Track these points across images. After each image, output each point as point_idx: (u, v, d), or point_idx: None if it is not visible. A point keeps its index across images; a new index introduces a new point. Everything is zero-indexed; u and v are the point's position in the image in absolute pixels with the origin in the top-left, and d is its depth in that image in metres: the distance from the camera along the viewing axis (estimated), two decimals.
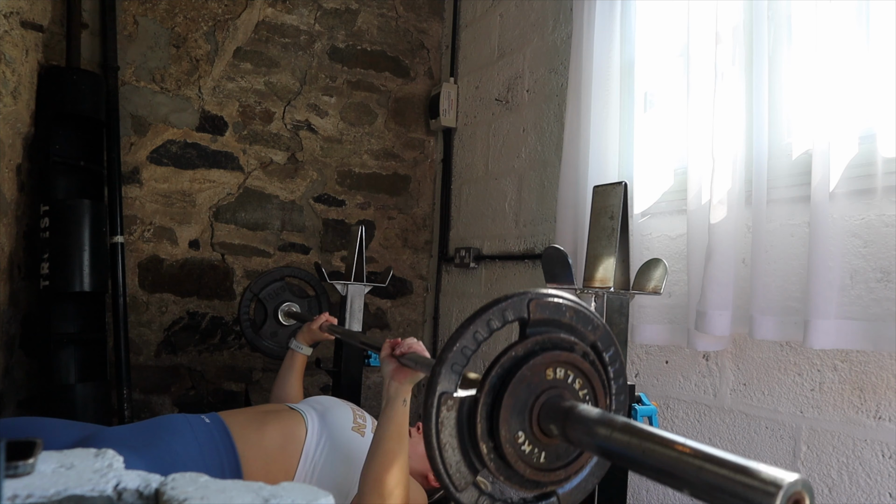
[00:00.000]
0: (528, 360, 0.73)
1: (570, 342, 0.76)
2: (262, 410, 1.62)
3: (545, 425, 0.73)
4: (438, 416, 0.71)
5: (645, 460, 0.61)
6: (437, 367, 0.71)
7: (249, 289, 2.32)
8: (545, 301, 0.76)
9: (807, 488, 0.49)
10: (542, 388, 0.73)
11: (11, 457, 0.52)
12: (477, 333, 0.73)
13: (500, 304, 0.74)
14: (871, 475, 1.33)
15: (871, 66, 1.32)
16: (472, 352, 0.73)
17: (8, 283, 2.12)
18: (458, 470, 0.72)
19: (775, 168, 1.46)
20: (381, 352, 1.41)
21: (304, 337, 2.03)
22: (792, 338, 1.40)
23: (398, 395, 1.37)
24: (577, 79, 1.93)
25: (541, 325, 0.75)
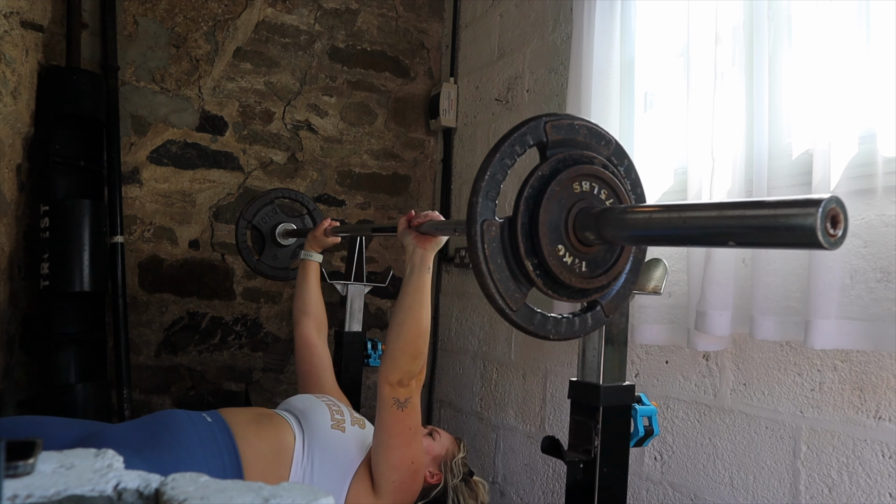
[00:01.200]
0: (555, 177, 0.77)
1: (589, 156, 0.81)
2: (258, 413, 1.63)
3: (581, 234, 0.76)
4: (484, 242, 0.74)
5: (687, 228, 0.65)
6: (474, 197, 0.76)
7: (242, 216, 2.31)
8: (560, 122, 0.80)
9: (840, 205, 0.54)
10: (573, 201, 0.78)
11: (11, 457, 0.52)
12: (504, 160, 0.78)
13: (520, 129, 0.78)
14: (871, 475, 1.33)
15: (871, 66, 1.32)
16: (502, 178, 0.77)
17: (8, 283, 2.12)
18: (509, 292, 0.75)
19: (775, 168, 1.47)
20: (399, 227, 1.46)
21: (311, 244, 2.04)
22: (792, 338, 1.40)
23: (423, 262, 1.43)
24: (577, 79, 1.93)
25: (559, 146, 0.80)
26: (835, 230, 0.54)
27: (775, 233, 0.56)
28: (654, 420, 1.26)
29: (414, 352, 1.42)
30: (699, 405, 1.70)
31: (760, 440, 1.54)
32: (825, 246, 0.54)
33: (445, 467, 1.67)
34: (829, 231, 0.54)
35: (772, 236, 0.57)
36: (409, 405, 1.45)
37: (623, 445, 1.21)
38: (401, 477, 1.48)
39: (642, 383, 1.85)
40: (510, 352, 2.44)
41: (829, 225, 0.54)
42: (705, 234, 0.64)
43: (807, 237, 0.54)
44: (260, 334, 2.74)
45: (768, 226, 0.57)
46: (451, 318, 2.84)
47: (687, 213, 0.64)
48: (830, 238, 0.54)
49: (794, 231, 0.55)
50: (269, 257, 2.36)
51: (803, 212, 0.54)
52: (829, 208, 0.54)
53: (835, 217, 0.54)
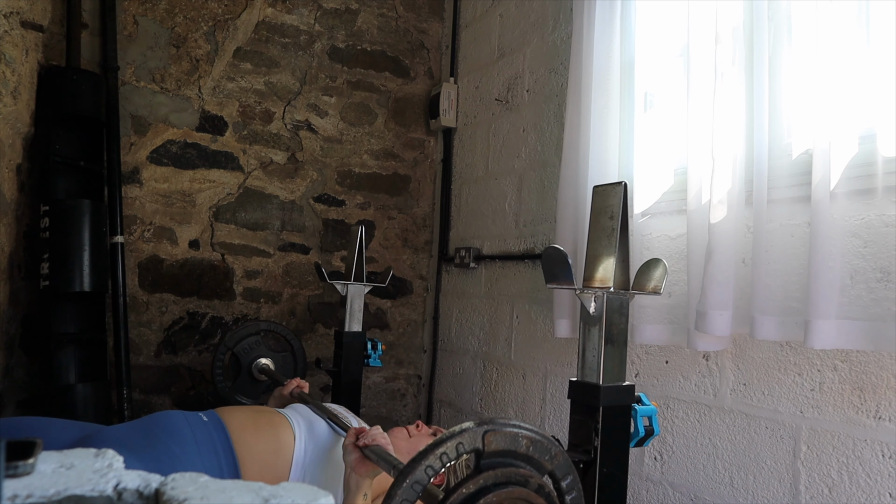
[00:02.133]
0: (478, 498, 0.72)
1: (525, 476, 0.75)
2: (257, 411, 1.63)
3: None
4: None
5: None
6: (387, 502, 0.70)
7: (224, 343, 2.29)
8: (502, 432, 0.75)
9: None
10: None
11: (11, 457, 0.52)
12: (428, 468, 0.72)
13: (455, 436, 0.73)
14: (871, 475, 1.33)
15: (871, 66, 1.32)
16: (422, 487, 0.72)
17: (8, 283, 2.12)
18: None
19: (775, 168, 1.46)
20: (346, 439, 1.39)
21: (274, 402, 1.99)
22: (792, 338, 1.40)
23: (359, 488, 1.36)
24: (577, 79, 1.93)
25: (497, 455, 0.74)
26: None
27: None
28: (655, 420, 1.26)
29: None
30: (699, 405, 1.70)
31: (760, 440, 1.54)
32: None
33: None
34: None
35: None
36: None
37: (623, 445, 1.21)
38: None
39: (642, 383, 1.85)
40: (510, 352, 2.44)
41: None
42: None
43: None
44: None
45: None
46: (451, 318, 2.84)
47: None
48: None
49: None
50: (241, 388, 2.31)
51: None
52: None
53: None
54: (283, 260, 2.78)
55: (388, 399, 2.94)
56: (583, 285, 1.26)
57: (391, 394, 2.96)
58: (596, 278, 1.24)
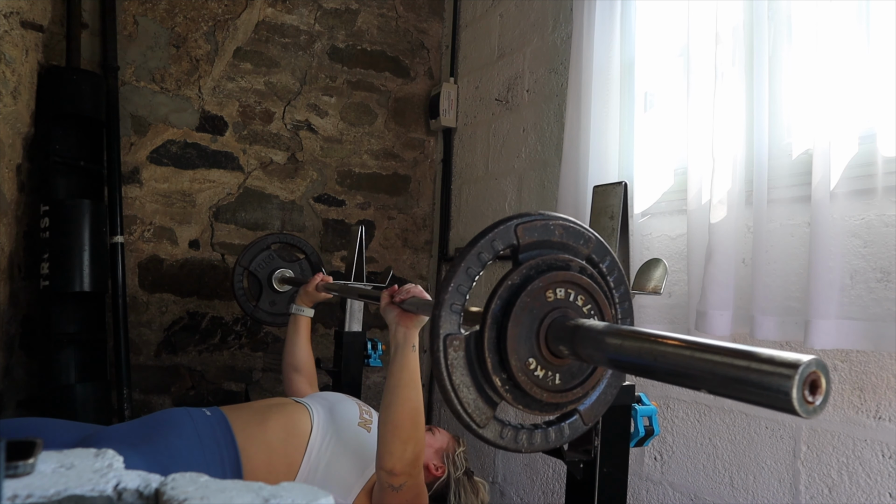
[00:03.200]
0: (525, 287, 0.72)
1: (564, 260, 0.75)
2: (266, 404, 1.62)
3: (554, 347, 0.72)
4: (447, 358, 0.70)
5: (658, 364, 0.60)
6: (437, 310, 0.71)
7: (238, 263, 2.30)
8: (533, 224, 0.74)
9: (822, 368, 0.48)
10: (546, 311, 0.72)
11: (11, 457, 0.52)
12: (469, 269, 0.72)
13: (488, 235, 0.72)
14: (871, 475, 1.33)
15: (871, 66, 1.32)
16: (468, 289, 0.72)
17: (8, 283, 2.12)
18: (476, 408, 0.72)
19: (775, 168, 1.46)
20: (381, 301, 1.40)
21: (302, 299, 2.03)
22: (792, 338, 1.40)
23: (406, 340, 1.37)
24: (577, 79, 1.93)
25: (532, 248, 0.74)
26: (813, 397, 0.49)
27: (749, 389, 0.51)
28: (655, 420, 1.26)
29: (404, 436, 1.33)
30: (699, 405, 1.70)
31: (760, 440, 1.54)
32: (801, 415, 0.48)
33: (448, 459, 1.67)
34: (806, 398, 0.48)
35: (745, 392, 0.51)
36: (405, 487, 1.37)
37: (623, 445, 1.21)
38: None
39: (642, 383, 1.85)
40: None
41: (807, 392, 0.48)
42: (676, 376, 0.58)
43: (781, 401, 0.49)
44: (260, 334, 2.74)
45: (741, 379, 0.51)
46: None
47: (659, 346, 0.59)
48: (808, 405, 0.48)
49: (769, 391, 0.49)
50: (266, 303, 2.34)
51: (780, 372, 0.48)
52: (809, 373, 0.48)
53: (814, 382, 0.48)
54: None
55: None
56: None
57: None
58: None
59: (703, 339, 0.57)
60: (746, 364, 0.51)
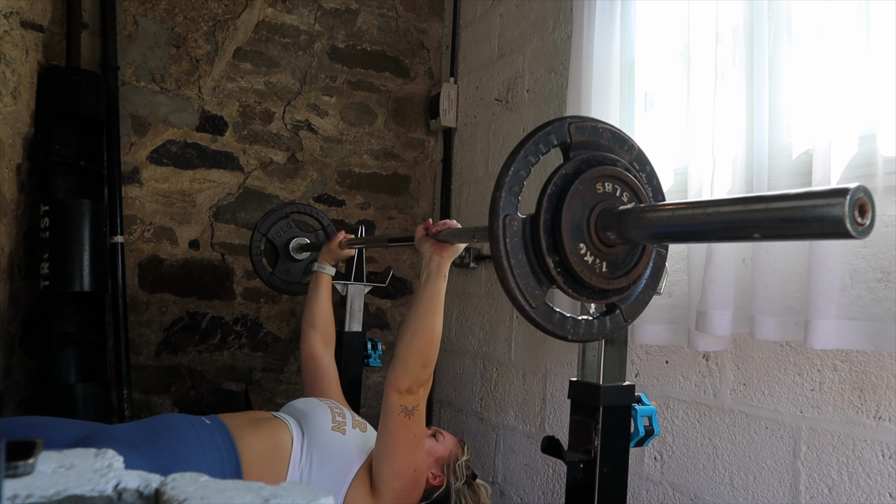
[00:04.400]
0: (578, 176, 0.77)
1: (612, 159, 0.81)
2: (254, 417, 1.63)
3: (603, 234, 0.76)
4: (506, 237, 0.74)
5: (711, 223, 0.65)
6: (497, 192, 0.76)
7: (257, 229, 2.32)
8: (584, 124, 0.80)
9: (867, 193, 0.55)
10: (596, 201, 0.78)
11: (11, 457, 0.52)
12: (528, 157, 0.77)
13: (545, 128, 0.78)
14: (871, 475, 1.33)
15: (871, 66, 1.32)
16: (526, 174, 0.77)
17: (8, 283, 2.12)
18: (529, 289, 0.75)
19: (775, 168, 1.46)
20: (416, 234, 1.46)
21: (325, 257, 2.05)
22: (792, 338, 1.40)
23: (440, 269, 1.44)
24: (577, 79, 1.93)
25: (582, 147, 0.80)
26: (863, 219, 0.55)
27: (803, 224, 0.57)
28: (655, 420, 1.26)
29: (425, 359, 1.43)
30: (699, 405, 1.70)
31: (760, 440, 1.54)
32: (854, 235, 0.55)
33: (448, 469, 1.67)
34: (857, 220, 0.54)
35: (800, 227, 0.57)
36: (416, 413, 1.45)
37: (623, 445, 1.21)
38: (402, 484, 1.48)
39: (642, 383, 1.85)
40: (510, 352, 2.44)
41: (857, 214, 0.54)
42: (731, 230, 0.64)
43: (835, 227, 0.55)
44: (260, 334, 2.74)
45: (796, 217, 0.57)
46: (451, 318, 2.84)
47: (711, 208, 0.65)
48: (859, 227, 0.54)
49: (823, 221, 0.55)
50: (282, 271, 2.36)
51: (832, 202, 0.55)
52: (857, 197, 0.54)
53: (862, 206, 0.55)
54: None
55: None
56: None
57: None
58: None
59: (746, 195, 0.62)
60: (798, 203, 0.57)
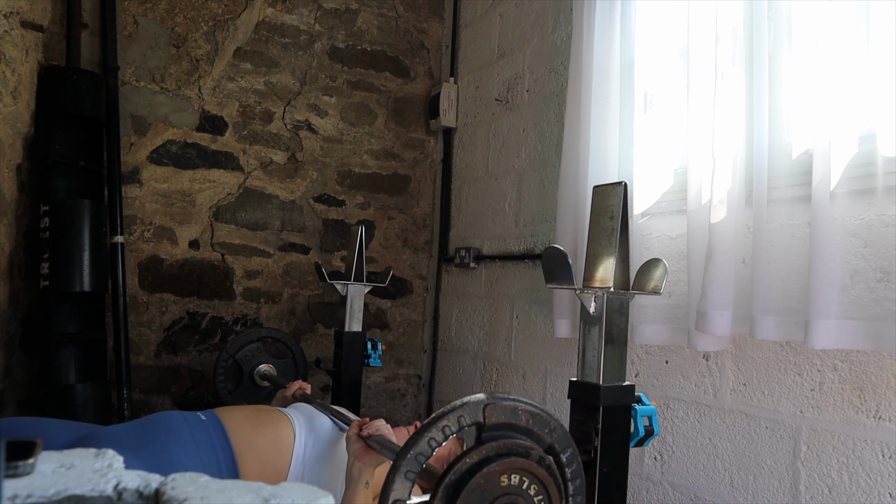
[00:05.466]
0: (482, 468, 0.73)
1: (525, 448, 0.77)
2: (256, 410, 1.64)
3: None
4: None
5: None
6: (391, 474, 0.72)
7: (226, 350, 2.33)
8: (501, 405, 0.77)
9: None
10: (497, 495, 0.74)
11: (11, 457, 0.52)
12: (431, 440, 0.74)
13: (456, 409, 0.75)
14: (871, 475, 1.33)
15: (871, 66, 1.32)
16: (426, 458, 0.74)
17: (8, 283, 2.12)
18: None
19: (775, 168, 1.46)
20: (350, 430, 1.42)
21: (278, 402, 2.02)
22: (792, 338, 1.40)
23: (361, 477, 1.38)
24: (577, 79, 1.93)
25: (497, 429, 0.77)
26: None
27: None
28: (655, 420, 1.26)
29: None
30: (699, 405, 1.70)
31: (760, 440, 1.54)
32: None
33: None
34: None
35: None
36: None
37: (623, 445, 1.21)
38: None
39: (642, 383, 1.85)
40: (510, 352, 2.44)
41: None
42: None
43: None
44: None
45: None
46: (451, 318, 2.84)
47: None
48: None
49: None
50: (243, 394, 2.35)
51: None
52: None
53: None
54: (283, 260, 2.78)
55: (388, 399, 2.94)
56: (583, 285, 1.26)
57: (391, 394, 2.96)
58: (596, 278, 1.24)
59: None
60: None
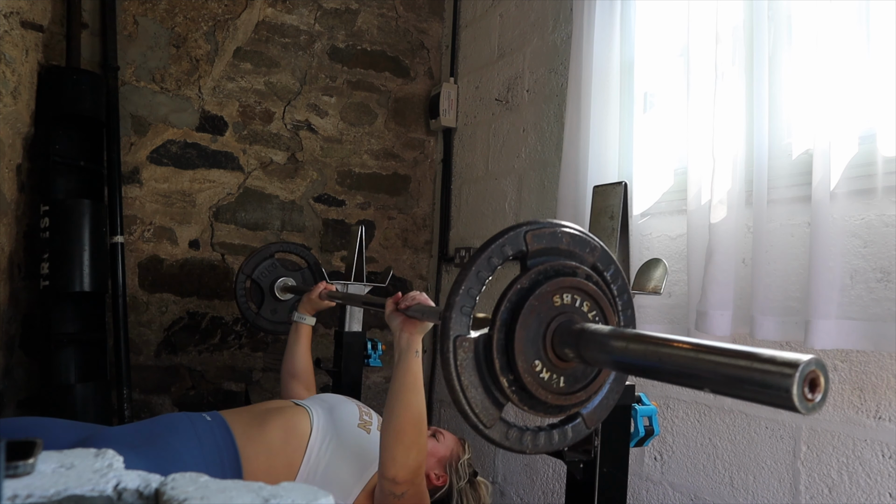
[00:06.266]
0: (534, 291, 0.74)
1: (571, 267, 0.78)
2: (266, 408, 1.62)
3: (560, 350, 0.74)
4: (457, 359, 0.73)
5: (663, 366, 0.63)
6: (447, 311, 0.73)
7: (241, 271, 2.31)
8: (541, 231, 0.77)
9: (821, 367, 0.52)
10: (553, 316, 0.75)
11: (11, 457, 0.52)
12: (480, 273, 0.75)
13: (498, 240, 0.75)
14: (871, 475, 1.33)
15: (871, 66, 1.32)
16: (478, 292, 0.75)
17: (8, 283, 2.12)
18: (483, 408, 0.74)
19: (775, 168, 1.46)
20: (386, 308, 1.42)
21: (305, 307, 2.04)
22: (793, 338, 1.40)
23: (410, 346, 1.39)
24: (577, 79, 1.93)
25: (540, 255, 0.77)
26: (813, 394, 0.51)
27: (751, 388, 0.54)
28: (655, 420, 1.26)
29: (408, 442, 1.35)
30: (699, 405, 1.70)
31: (760, 440, 1.54)
32: (800, 411, 0.51)
33: (451, 469, 1.66)
34: (806, 395, 0.51)
35: (747, 391, 0.54)
36: (407, 496, 1.38)
37: (623, 445, 1.21)
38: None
39: (642, 383, 1.85)
40: None
41: (806, 389, 0.51)
42: (680, 376, 0.62)
43: (782, 399, 0.52)
44: (260, 334, 2.74)
45: (743, 378, 0.54)
46: None
47: (664, 349, 0.62)
48: (808, 402, 0.51)
49: (770, 389, 0.52)
50: (268, 311, 2.35)
51: (781, 371, 0.51)
52: (808, 371, 0.51)
53: (814, 381, 0.51)
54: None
55: None
56: None
57: None
58: None
59: (706, 341, 0.59)
60: (749, 364, 0.54)
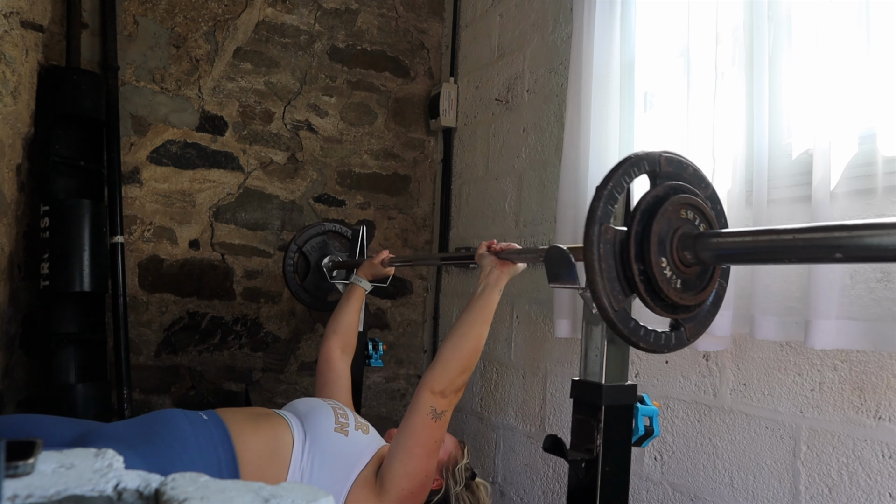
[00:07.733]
0: (668, 198, 0.87)
1: (693, 191, 0.91)
2: (256, 413, 1.62)
3: (681, 253, 0.86)
4: (599, 243, 0.83)
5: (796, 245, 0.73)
6: (596, 201, 0.85)
7: (294, 241, 2.35)
8: (673, 157, 0.92)
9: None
10: (679, 224, 0.88)
11: (11, 457, 0.52)
12: (624, 177, 0.87)
13: (639, 155, 0.89)
14: (871, 475, 1.33)
15: (871, 66, 1.32)
16: (619, 193, 0.87)
17: (8, 283, 2.12)
18: (613, 293, 0.85)
19: (775, 168, 1.46)
20: (479, 249, 1.52)
21: (364, 272, 2.06)
22: (793, 338, 1.40)
23: (498, 282, 1.49)
24: (577, 79, 1.93)
25: (668, 177, 0.91)
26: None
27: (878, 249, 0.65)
28: (655, 420, 1.26)
29: (465, 365, 1.47)
30: (699, 405, 1.70)
31: (760, 440, 1.54)
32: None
33: (448, 473, 1.66)
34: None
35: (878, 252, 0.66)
36: (443, 418, 1.48)
37: (625, 445, 1.21)
38: (412, 486, 1.47)
39: (642, 383, 1.85)
40: (510, 352, 2.44)
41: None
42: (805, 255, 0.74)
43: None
44: (260, 334, 2.74)
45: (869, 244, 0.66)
46: (451, 318, 2.84)
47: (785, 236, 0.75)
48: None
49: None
50: (312, 286, 2.37)
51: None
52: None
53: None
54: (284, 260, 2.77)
55: (388, 399, 2.94)
56: (584, 285, 1.25)
57: (391, 394, 2.96)
58: None
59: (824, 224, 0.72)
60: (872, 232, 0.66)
